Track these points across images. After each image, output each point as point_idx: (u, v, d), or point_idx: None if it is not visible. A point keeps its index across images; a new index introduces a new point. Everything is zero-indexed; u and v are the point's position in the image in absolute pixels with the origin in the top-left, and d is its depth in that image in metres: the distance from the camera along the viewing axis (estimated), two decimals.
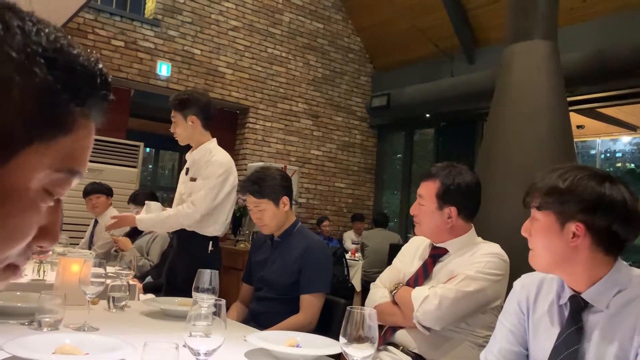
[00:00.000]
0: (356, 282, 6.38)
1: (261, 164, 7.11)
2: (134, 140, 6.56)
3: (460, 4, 7.09)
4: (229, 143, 7.68)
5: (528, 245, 1.30)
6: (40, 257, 2.77)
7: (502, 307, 1.47)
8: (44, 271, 2.71)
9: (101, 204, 4.41)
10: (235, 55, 7.33)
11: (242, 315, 2.32)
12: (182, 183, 2.89)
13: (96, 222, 4.47)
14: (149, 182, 9.93)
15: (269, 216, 2.24)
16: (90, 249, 4.21)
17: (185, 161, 2.98)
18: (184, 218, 2.69)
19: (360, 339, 1.13)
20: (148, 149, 10.47)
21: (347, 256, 6.73)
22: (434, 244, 1.90)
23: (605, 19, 5.93)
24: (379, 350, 1.85)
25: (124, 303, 2.07)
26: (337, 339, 1.18)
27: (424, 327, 1.71)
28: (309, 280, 2.15)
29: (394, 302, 1.83)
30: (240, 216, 6.65)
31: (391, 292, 1.86)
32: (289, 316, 2.12)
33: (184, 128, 2.81)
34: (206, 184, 2.70)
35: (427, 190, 1.86)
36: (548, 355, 1.23)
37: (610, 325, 1.17)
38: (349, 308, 1.14)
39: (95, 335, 1.59)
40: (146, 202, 2.85)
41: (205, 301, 1.82)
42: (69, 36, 0.52)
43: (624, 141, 9.98)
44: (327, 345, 1.58)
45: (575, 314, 1.22)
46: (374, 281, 2.07)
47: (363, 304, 1.97)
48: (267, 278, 2.25)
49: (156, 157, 10.12)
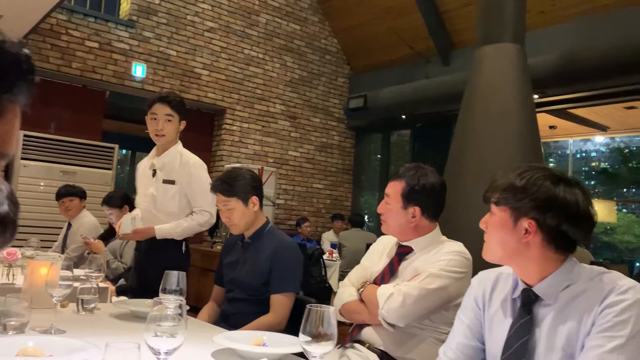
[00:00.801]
0: (333, 282, 6.42)
1: (238, 165, 7.11)
2: (110, 142, 6.50)
3: (435, 7, 7.18)
4: (206, 145, 7.66)
5: (484, 243, 1.34)
6: (9, 260, 2.74)
7: None
8: (13, 275, 2.69)
9: (74, 207, 4.36)
10: (211, 57, 7.31)
11: (213, 317, 2.33)
12: (152, 185, 2.86)
13: (69, 225, 4.42)
14: (125, 184, 9.83)
15: (237, 215, 2.25)
16: (63, 252, 4.17)
17: (149, 165, 2.95)
18: (202, 225, 2.83)
19: (320, 336, 1.15)
20: (124, 151, 10.37)
21: (325, 257, 6.76)
22: (400, 243, 1.94)
23: (574, 21, 6.06)
24: (345, 347, 1.88)
25: (93, 305, 2.06)
26: None
27: (388, 324, 1.74)
28: (279, 281, 2.17)
29: (361, 300, 1.87)
30: (217, 218, 6.65)
31: (358, 290, 1.90)
32: (260, 316, 2.14)
33: (176, 129, 2.84)
34: (205, 189, 2.67)
35: (393, 190, 1.90)
36: (502, 347, 1.27)
37: (558, 317, 1.22)
38: (308, 306, 1.17)
39: (61, 337, 1.59)
40: (125, 216, 2.82)
41: (169, 302, 1.84)
42: None
43: (596, 141, 10.21)
44: (293, 344, 1.60)
45: (526, 306, 1.27)
46: None
47: None
48: (238, 279, 2.26)
49: (132, 159, 10.01)
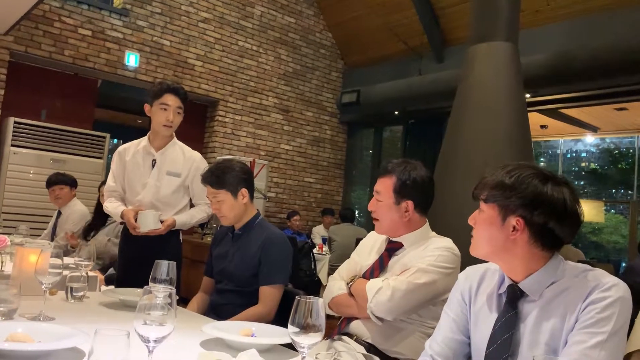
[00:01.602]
0: (323, 276, 6.44)
1: (230, 157, 7.09)
2: (101, 131, 6.47)
3: (430, 3, 7.19)
4: (198, 136, 7.64)
5: (471, 239, 1.36)
6: None
7: None
8: (2, 262, 2.68)
9: (65, 196, 4.34)
10: (205, 47, 7.28)
11: (202, 307, 2.34)
12: (151, 177, 2.85)
13: (59, 213, 4.40)
14: None
15: (226, 207, 2.26)
16: (52, 240, 4.15)
17: (144, 155, 2.93)
18: (209, 216, 2.95)
19: (308, 328, 1.17)
20: (115, 140, 10.30)
21: (315, 250, 6.78)
22: (390, 239, 1.95)
23: (569, 22, 6.10)
24: (333, 340, 1.90)
25: (82, 294, 2.07)
26: None
27: (377, 317, 1.76)
28: (268, 272, 2.18)
29: (350, 294, 1.88)
30: None
31: (347, 284, 1.91)
32: (249, 308, 2.15)
33: (179, 121, 2.88)
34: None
35: (384, 186, 1.91)
36: (487, 342, 1.29)
37: (543, 313, 1.24)
38: (297, 297, 1.18)
39: (50, 324, 1.59)
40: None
41: (159, 290, 1.84)
42: None
43: (587, 142, 10.29)
44: (281, 335, 1.61)
45: (512, 302, 1.29)
46: None
47: None
48: (228, 271, 2.27)
49: None
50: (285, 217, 7.90)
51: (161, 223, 2.75)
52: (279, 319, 2.16)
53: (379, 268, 1.90)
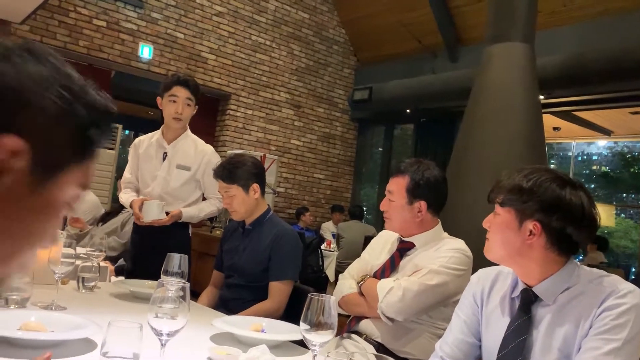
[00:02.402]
0: (330, 272, 6.45)
1: (241, 152, 7.11)
2: (113, 122, 6.50)
3: (445, 2, 7.14)
4: (209, 129, 7.65)
5: (486, 241, 1.35)
6: None
7: None
8: None
9: None
10: (218, 41, 7.29)
11: (212, 301, 2.35)
12: (162, 169, 2.87)
13: None
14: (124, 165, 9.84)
15: (238, 202, 2.26)
16: (63, 229, 4.18)
17: (156, 147, 2.95)
18: (220, 211, 2.98)
19: (320, 325, 1.17)
20: (127, 131, 10.37)
21: (323, 247, 6.79)
22: (402, 238, 1.95)
23: (585, 24, 6.04)
24: (342, 337, 1.90)
25: (93, 284, 2.08)
26: None
27: (387, 317, 1.76)
28: (278, 268, 2.19)
29: (361, 293, 1.88)
30: None
31: (358, 283, 1.91)
32: (258, 303, 2.16)
33: (191, 113, 2.90)
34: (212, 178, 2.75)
35: (397, 186, 1.90)
36: (499, 345, 1.29)
37: (556, 318, 1.23)
38: (310, 295, 1.18)
39: (62, 314, 1.60)
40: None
41: (172, 284, 1.85)
42: (89, 80, 0.67)
43: (599, 144, 10.20)
44: (291, 331, 1.62)
45: (525, 306, 1.28)
46: None
47: None
48: (238, 265, 2.28)
49: (135, 139, 10.02)
50: (293, 212, 7.91)
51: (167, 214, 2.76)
52: (288, 314, 2.16)
53: (390, 268, 1.90)
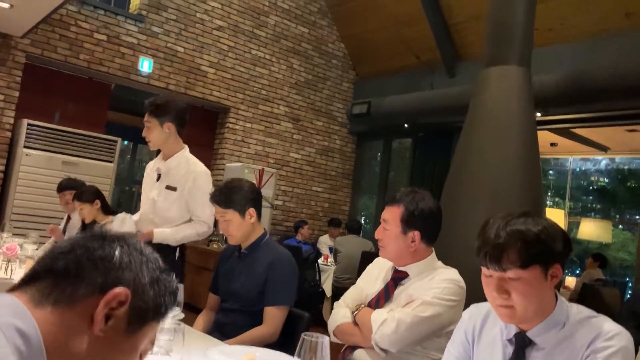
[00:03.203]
0: (327, 287, 6.44)
1: (239, 164, 7.13)
2: (112, 132, 6.53)
3: (444, 19, 7.21)
4: (208, 142, 7.69)
5: (503, 308, 1.26)
6: (9, 256, 2.77)
7: None
8: (11, 270, 2.72)
9: None
10: (218, 55, 7.34)
11: (208, 325, 2.36)
12: (155, 189, 2.90)
13: (69, 218, 4.45)
14: (125, 175, 9.85)
15: (234, 227, 2.28)
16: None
17: (154, 168, 2.98)
18: (200, 236, 2.86)
19: None
20: (126, 142, 10.38)
21: (320, 261, 6.78)
22: (396, 267, 1.97)
23: (582, 42, 6.09)
24: None
25: None
26: None
27: (381, 349, 1.77)
28: (273, 293, 2.20)
29: (355, 323, 1.90)
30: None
31: (353, 312, 1.93)
32: (253, 328, 2.17)
33: (159, 134, 2.82)
34: (207, 200, 2.69)
35: (392, 215, 1.92)
36: None
37: (547, 359, 1.25)
38: (303, 335, 1.20)
39: None
40: (118, 216, 2.83)
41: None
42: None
43: (596, 159, 10.24)
44: None
45: (520, 351, 1.28)
46: (345, 287, 2.14)
47: (333, 309, 2.05)
48: (233, 290, 2.29)
49: (133, 150, 10.04)
50: (291, 225, 7.92)
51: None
52: (283, 339, 2.18)
53: (384, 297, 1.91)
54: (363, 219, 9.42)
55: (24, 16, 5.07)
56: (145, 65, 6.66)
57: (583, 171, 10.72)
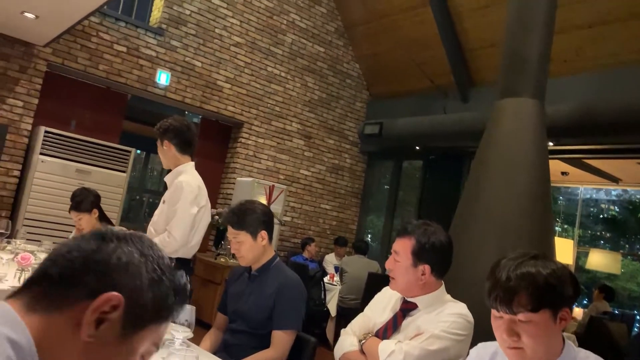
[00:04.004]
0: (332, 307, 6.42)
1: (250, 179, 7.18)
2: (126, 141, 6.61)
3: (459, 44, 7.26)
4: (220, 156, 7.76)
5: (512, 350, 1.27)
6: (23, 265, 2.81)
7: None
8: (25, 279, 2.76)
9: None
10: (235, 71, 7.43)
11: (215, 345, 2.38)
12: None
13: None
14: (137, 185, 9.94)
15: (246, 248, 2.31)
16: None
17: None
18: (165, 247, 2.79)
19: None
20: (139, 151, 10.49)
21: (326, 279, 6.77)
22: (405, 298, 1.98)
23: (597, 74, 6.11)
24: None
25: None
26: None
27: None
28: (281, 317, 2.22)
29: (362, 352, 1.91)
30: (223, 230, 6.69)
31: (360, 341, 1.94)
32: (260, 350, 2.19)
33: (164, 153, 3.03)
34: (179, 212, 2.83)
35: (403, 247, 1.94)
36: None
37: None
38: None
39: None
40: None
41: (178, 331, 1.89)
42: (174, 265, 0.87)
43: (607, 190, 10.19)
44: None
45: None
46: (350, 307, 2.16)
47: (338, 330, 2.07)
48: (242, 311, 2.31)
49: (146, 160, 10.14)
50: (299, 242, 7.93)
51: None
52: None
53: (392, 328, 1.93)
54: (370, 238, 9.42)
55: (48, 27, 5.18)
56: (163, 78, 6.76)
57: (594, 199, 10.66)
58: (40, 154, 5.78)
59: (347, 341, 1.98)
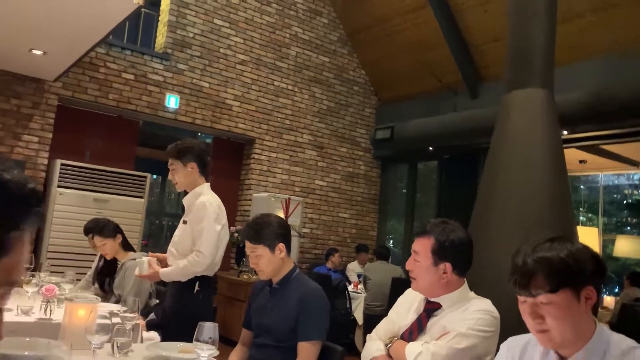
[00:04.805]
0: (358, 315, 6.38)
1: (266, 194, 7.20)
2: (141, 167, 6.68)
3: (464, 41, 7.24)
4: (235, 174, 7.80)
5: (540, 334, 1.28)
6: (48, 296, 2.84)
7: None
8: (50, 310, 2.79)
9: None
10: (242, 88, 7.49)
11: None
12: (179, 227, 3.05)
13: (101, 257, 4.51)
14: (155, 210, 10.02)
15: (264, 262, 2.31)
16: (94, 284, 4.26)
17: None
18: (195, 266, 2.84)
19: None
20: (155, 176, 10.59)
21: (350, 288, 6.74)
22: (428, 299, 1.96)
23: (604, 57, 6.03)
24: None
25: (127, 349, 2.13)
26: None
27: None
28: (305, 327, 2.21)
29: (389, 356, 1.89)
30: (243, 247, 6.70)
31: (386, 345, 1.92)
32: None
33: (183, 175, 2.98)
34: (205, 230, 2.83)
35: (422, 247, 1.93)
36: None
37: None
38: None
39: None
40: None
41: (203, 349, 1.89)
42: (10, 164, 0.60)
43: (628, 174, 10.01)
44: None
45: None
46: (377, 314, 2.14)
47: (365, 337, 2.05)
48: (266, 325, 2.31)
49: (162, 184, 10.22)
50: (319, 252, 7.91)
51: None
52: None
53: (417, 329, 1.91)
54: (391, 243, 9.36)
55: (56, 61, 5.28)
56: (172, 101, 6.84)
57: (615, 185, 10.48)
58: (58, 186, 5.86)
59: (373, 346, 1.96)
